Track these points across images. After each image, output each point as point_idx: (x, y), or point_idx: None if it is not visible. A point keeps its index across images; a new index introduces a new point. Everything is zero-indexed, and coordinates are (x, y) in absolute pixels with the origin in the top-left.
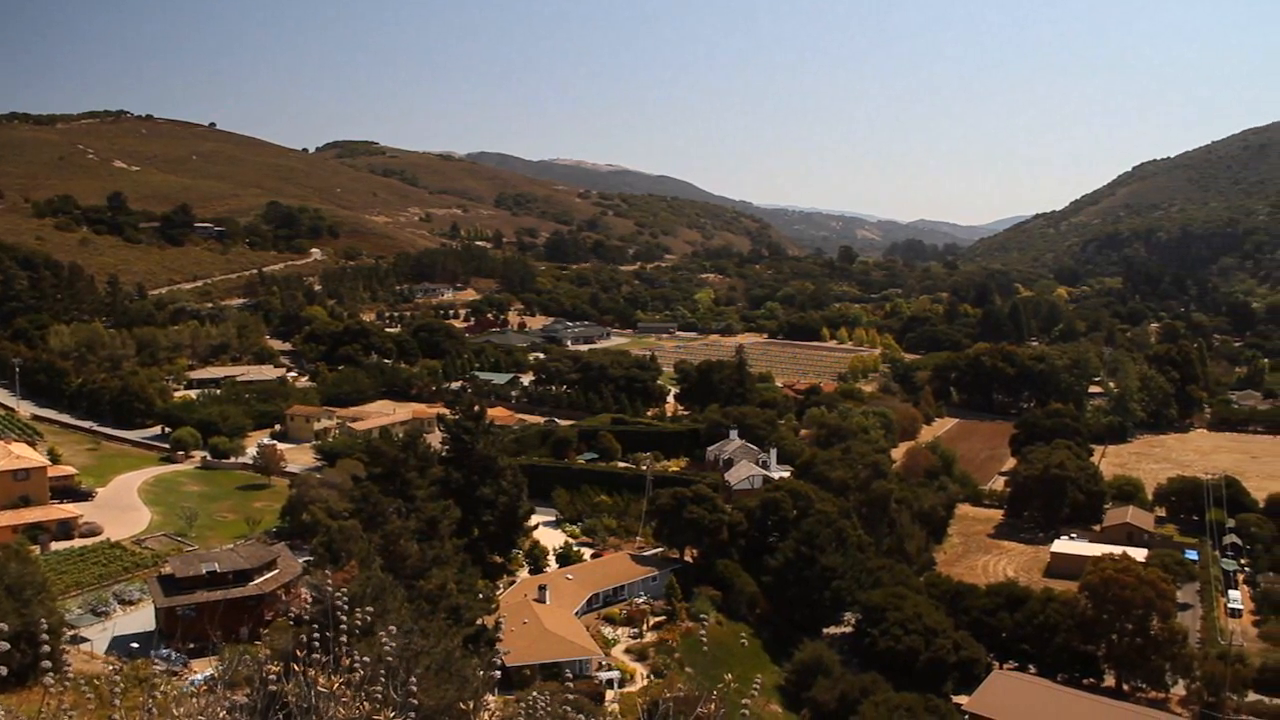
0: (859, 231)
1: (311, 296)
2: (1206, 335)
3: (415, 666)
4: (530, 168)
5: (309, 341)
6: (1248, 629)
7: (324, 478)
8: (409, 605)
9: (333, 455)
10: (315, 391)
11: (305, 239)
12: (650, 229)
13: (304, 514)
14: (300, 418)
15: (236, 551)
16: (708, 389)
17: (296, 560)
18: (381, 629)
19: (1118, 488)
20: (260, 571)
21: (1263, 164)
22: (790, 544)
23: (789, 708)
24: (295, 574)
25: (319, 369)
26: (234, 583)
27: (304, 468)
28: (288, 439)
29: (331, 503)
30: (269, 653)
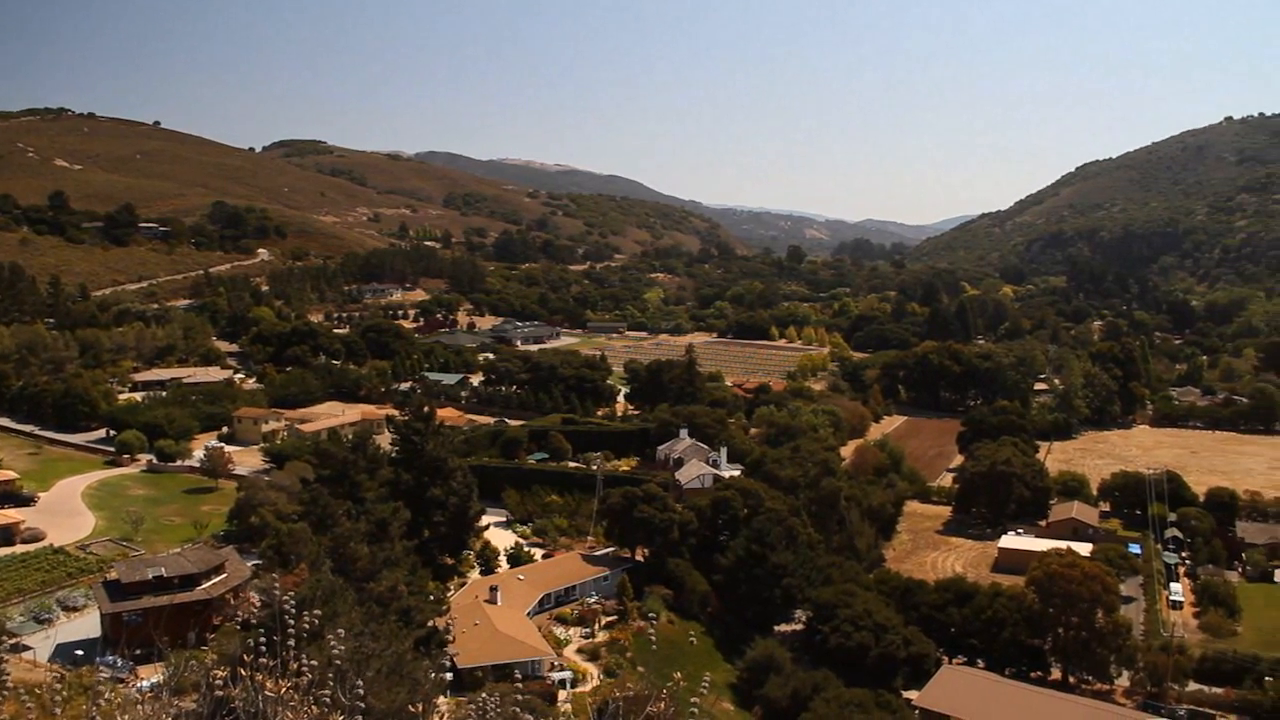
0: (807, 231)
1: (259, 297)
2: (1148, 333)
3: (367, 669)
4: (479, 167)
5: (256, 343)
6: (1188, 620)
7: (272, 480)
8: (360, 608)
9: (281, 457)
10: (263, 393)
11: (252, 239)
12: (599, 229)
13: (252, 517)
14: (248, 420)
15: (184, 556)
16: (658, 388)
17: (245, 564)
18: (331, 632)
19: (1063, 484)
20: (208, 576)
21: (1200, 165)
22: (741, 542)
23: (741, 706)
24: (244, 578)
25: (266, 370)
26: (181, 587)
27: (252, 470)
28: (235, 441)
29: (280, 505)
30: (216, 658)
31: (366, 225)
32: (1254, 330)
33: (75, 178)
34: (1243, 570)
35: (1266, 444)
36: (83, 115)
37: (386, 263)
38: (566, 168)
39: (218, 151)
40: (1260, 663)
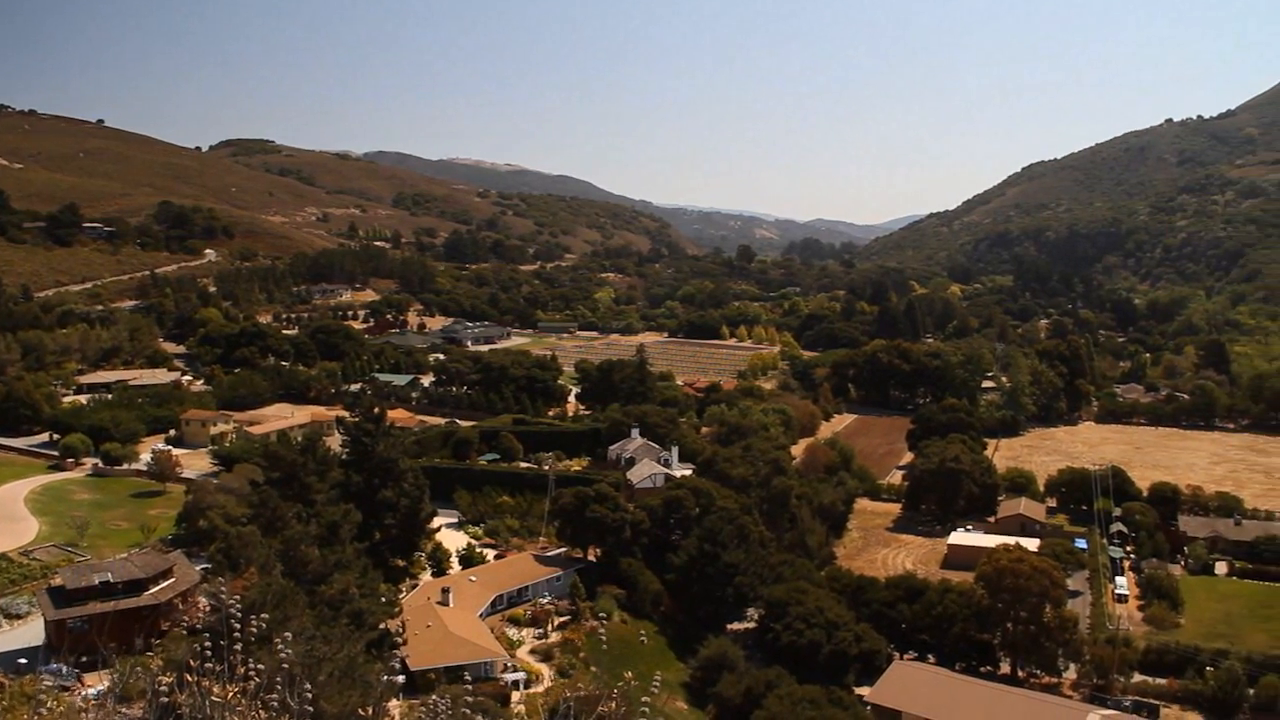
0: (757, 231)
1: (206, 298)
2: (1093, 331)
3: (318, 673)
4: (429, 167)
5: (204, 344)
6: (1133, 613)
7: (221, 483)
8: (310, 611)
9: (230, 460)
10: (211, 395)
11: (199, 239)
12: (550, 228)
13: (201, 520)
14: (196, 422)
15: (130, 561)
16: (609, 388)
17: (194, 568)
18: (280, 636)
19: (1011, 480)
20: (155, 581)
21: (1143, 166)
22: (693, 541)
23: (695, 704)
24: (192, 582)
25: (214, 372)
26: (128, 593)
27: (200, 473)
28: (183, 444)
29: (229, 508)
30: (163, 664)
31: (315, 225)
32: (1194, 328)
33: (16, 176)
34: (1185, 563)
35: (1207, 439)
36: (23, 113)
37: (336, 263)
38: (517, 167)
39: (163, 150)
40: (1201, 653)
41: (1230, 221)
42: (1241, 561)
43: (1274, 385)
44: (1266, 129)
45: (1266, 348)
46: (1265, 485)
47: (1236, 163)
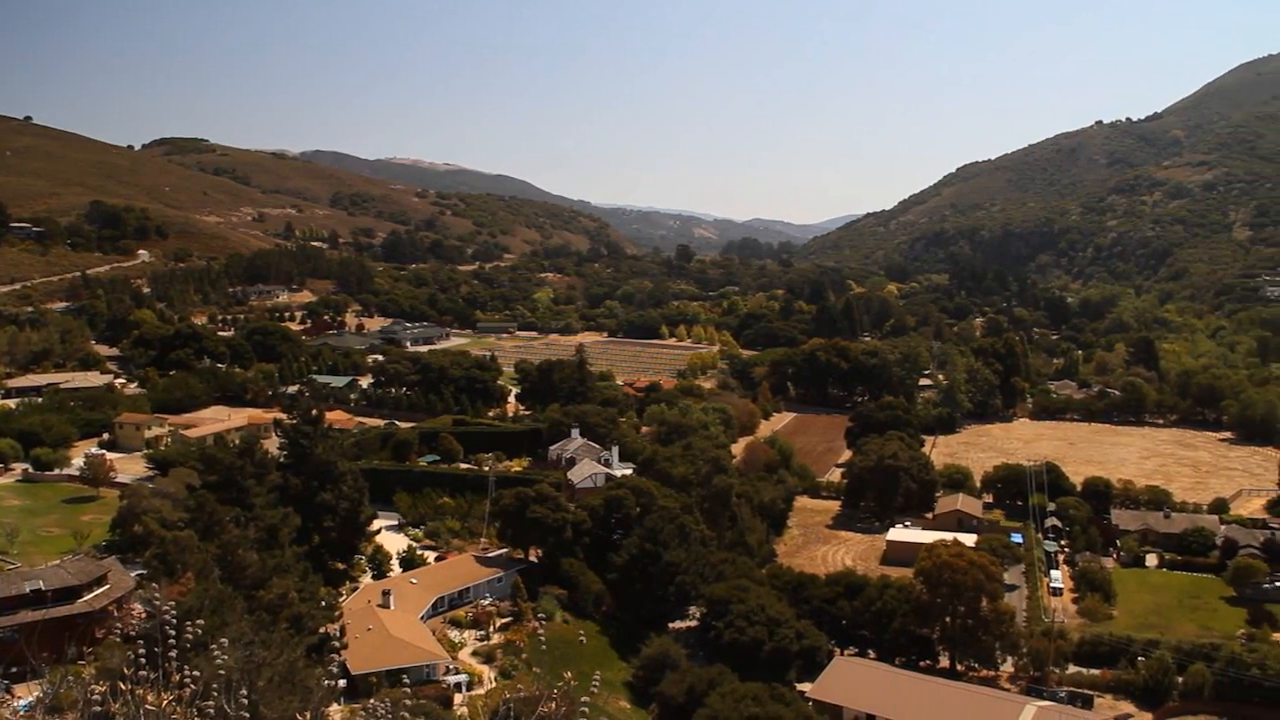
0: (696, 230)
1: (139, 299)
2: (1027, 329)
3: (257, 679)
4: (366, 167)
5: (138, 346)
6: (1068, 606)
7: (157, 487)
8: (249, 616)
9: (165, 464)
10: (145, 398)
11: (132, 240)
12: (488, 229)
13: (136, 526)
14: (130, 426)
15: (63, 568)
16: (549, 388)
17: (129, 574)
18: (217, 643)
19: (948, 476)
20: (89, 588)
21: (1074, 166)
22: (634, 541)
23: (637, 703)
24: (127, 589)
25: (149, 375)
26: (60, 601)
27: (135, 478)
28: (117, 448)
29: (165, 513)
30: (96, 673)
31: (251, 225)
32: (1124, 325)
33: None
34: (1117, 556)
35: (1137, 435)
36: None
37: (272, 264)
38: (455, 167)
39: (95, 149)
40: (1133, 644)
41: (1158, 221)
42: (1171, 553)
43: (1200, 381)
44: (1192, 131)
45: (1193, 345)
46: (1193, 479)
47: (1164, 164)
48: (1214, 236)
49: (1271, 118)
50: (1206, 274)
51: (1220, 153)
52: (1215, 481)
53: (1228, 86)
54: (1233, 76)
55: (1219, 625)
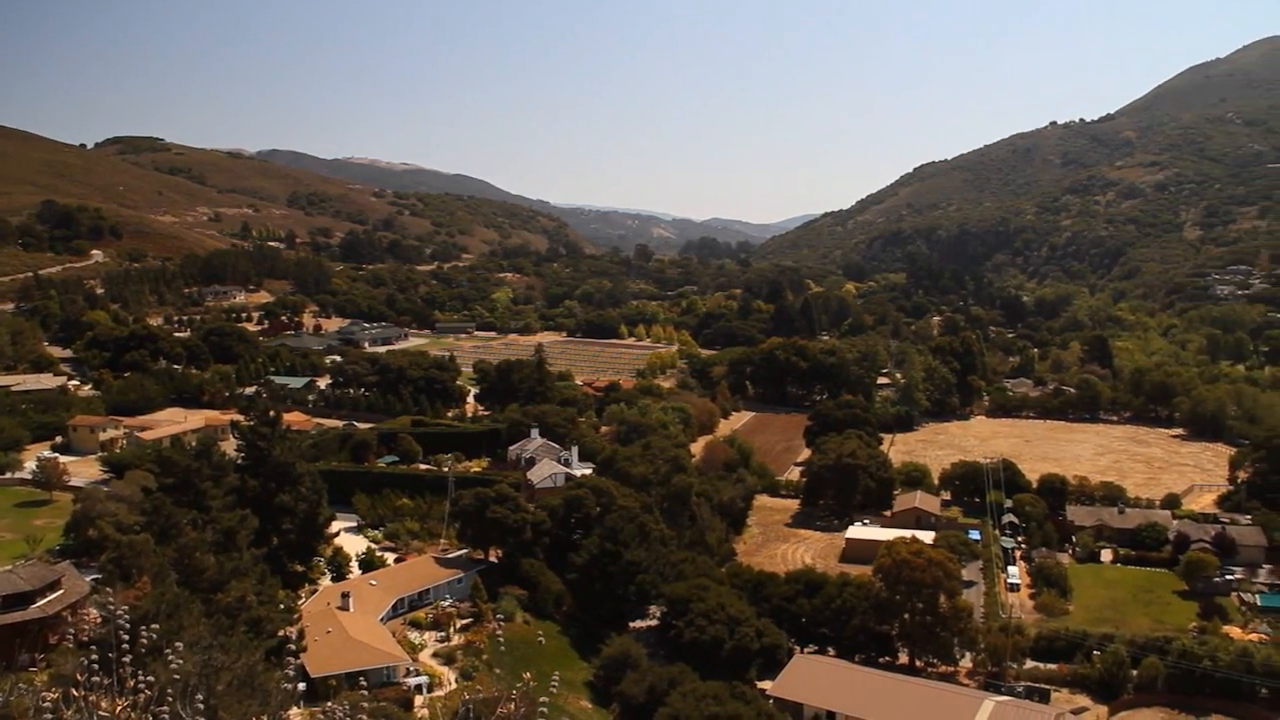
0: (654, 230)
1: (93, 300)
2: (983, 327)
3: (215, 683)
4: (324, 166)
5: (91, 348)
6: (1025, 602)
7: (112, 491)
8: (207, 620)
9: (121, 467)
10: (100, 400)
11: (85, 240)
12: (447, 228)
13: (91, 530)
14: (84, 428)
15: (15, 573)
16: (508, 388)
17: (84, 579)
18: (172, 647)
19: (906, 474)
20: (42, 593)
21: (1029, 167)
22: (594, 540)
23: (599, 703)
24: (82, 594)
25: (103, 376)
26: (12, 607)
27: (89, 481)
28: (71, 451)
29: (121, 517)
30: (49, 679)
31: (207, 225)
32: (1079, 324)
33: None
34: (1073, 552)
35: (1092, 432)
36: None
37: (229, 264)
38: (413, 167)
39: (46, 148)
40: (1089, 638)
41: (1111, 221)
42: (1125, 549)
43: (1153, 379)
44: (1143, 132)
45: (1145, 343)
46: (1146, 475)
47: (1116, 164)
48: (1165, 236)
49: (1219, 120)
50: (1158, 273)
51: (1171, 153)
52: (1167, 477)
53: (1177, 89)
54: (1182, 79)
55: (1172, 619)
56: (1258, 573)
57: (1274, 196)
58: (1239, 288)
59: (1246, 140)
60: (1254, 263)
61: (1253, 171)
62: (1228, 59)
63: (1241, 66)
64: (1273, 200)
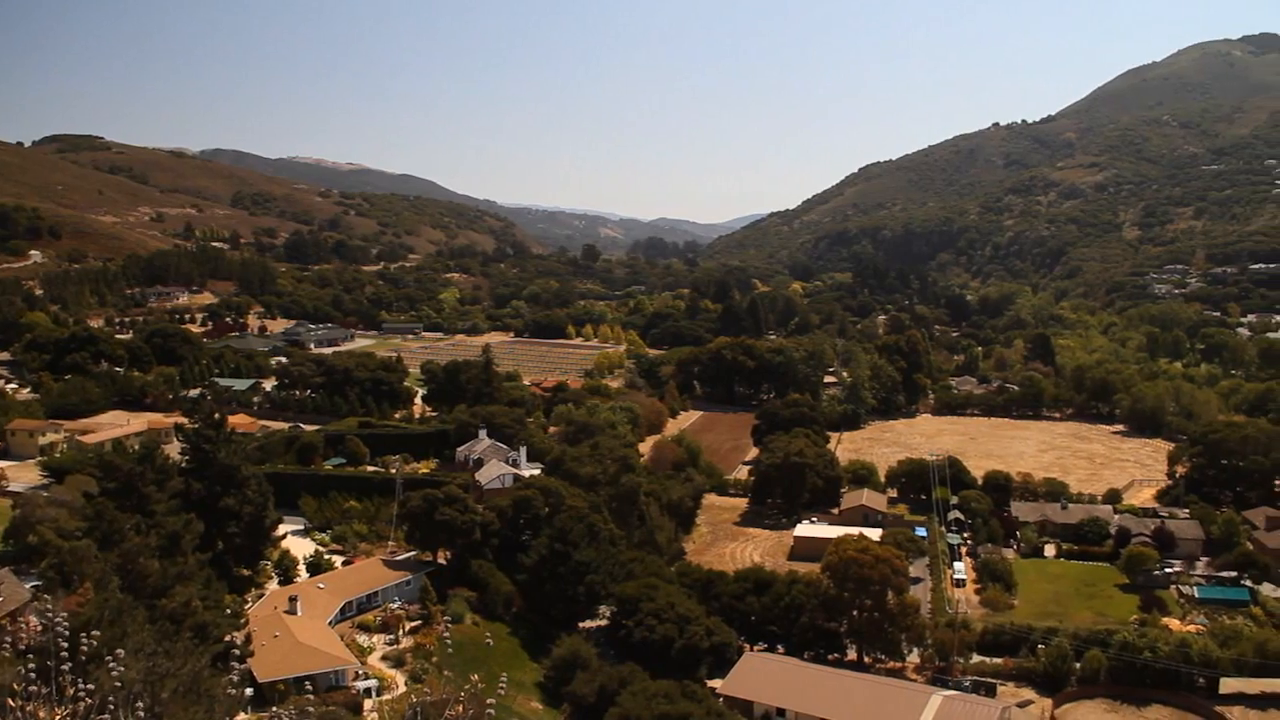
0: (602, 230)
1: (32, 302)
2: (928, 326)
3: (161, 690)
4: (268, 166)
5: (30, 350)
6: (971, 597)
7: (52, 496)
8: (151, 626)
9: (61, 471)
10: (39, 404)
11: (23, 240)
12: (393, 228)
13: (30, 536)
14: (23, 432)
15: None
16: (455, 389)
17: (23, 586)
18: (114, 654)
19: (853, 472)
20: None
21: (972, 168)
22: (543, 541)
23: (549, 703)
24: (22, 601)
25: (42, 379)
26: None
27: (29, 486)
28: (9, 456)
29: (61, 522)
30: None
31: (149, 225)
32: (1022, 322)
33: None
34: (1017, 547)
35: (1035, 428)
36: None
37: (172, 265)
38: (359, 166)
39: None
40: (1033, 632)
41: (1053, 221)
42: (1068, 543)
43: (1094, 376)
44: (1084, 134)
45: (1087, 341)
46: (1088, 470)
47: (1058, 165)
48: (1105, 236)
49: (1156, 122)
50: (1099, 272)
51: (1110, 154)
52: (1109, 473)
53: (1116, 91)
54: (1120, 82)
55: (1113, 612)
56: (1195, 565)
57: (1208, 198)
58: (1176, 286)
59: (1182, 142)
60: (1190, 262)
61: (1188, 173)
62: (1163, 63)
63: (1176, 71)
64: (1207, 201)
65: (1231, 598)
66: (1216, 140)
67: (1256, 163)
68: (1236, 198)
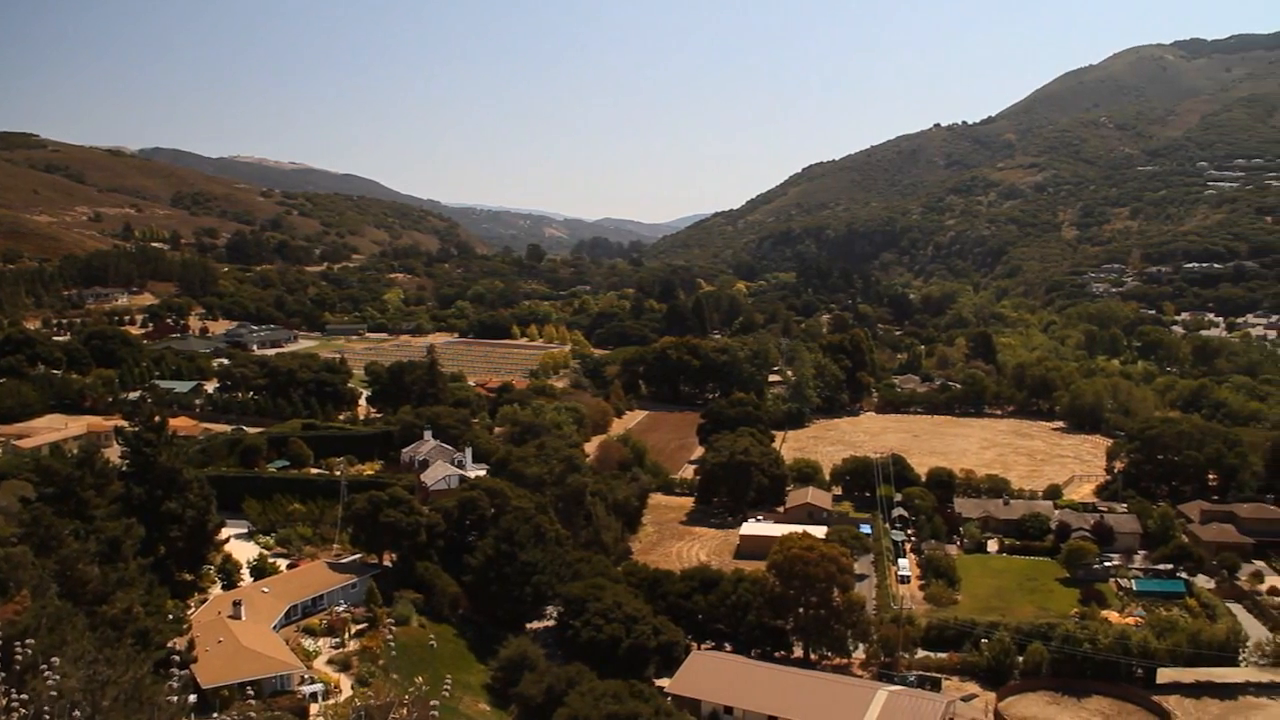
0: (546, 230)
1: None
2: (871, 325)
3: (102, 698)
4: (209, 165)
5: None
6: (915, 593)
7: None
8: (91, 634)
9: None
10: None
11: None
12: (336, 229)
13: None
14: None
15: None
16: (400, 390)
17: None
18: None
19: (798, 470)
20: None
21: (914, 168)
22: (489, 542)
23: (497, 705)
24: None
25: None
26: None
27: None
28: None
29: None
30: None
31: (87, 225)
32: (964, 321)
33: None
34: (961, 543)
35: (978, 425)
36: None
37: (110, 265)
38: (302, 166)
39: None
40: (977, 627)
41: (994, 221)
42: (1010, 539)
43: (1034, 374)
44: (1023, 135)
45: (1027, 339)
46: (1029, 466)
47: (998, 165)
48: (1045, 235)
49: (1093, 123)
50: (1038, 271)
51: (1049, 155)
52: (1049, 469)
53: (1054, 93)
54: (1059, 84)
55: (1055, 605)
56: (1133, 559)
57: (1144, 198)
58: (1113, 285)
59: (1118, 144)
60: (1127, 261)
61: (1124, 174)
62: (1099, 66)
63: (1112, 74)
64: (1143, 201)
65: (1168, 590)
66: (1151, 142)
67: (1189, 164)
68: (1170, 198)
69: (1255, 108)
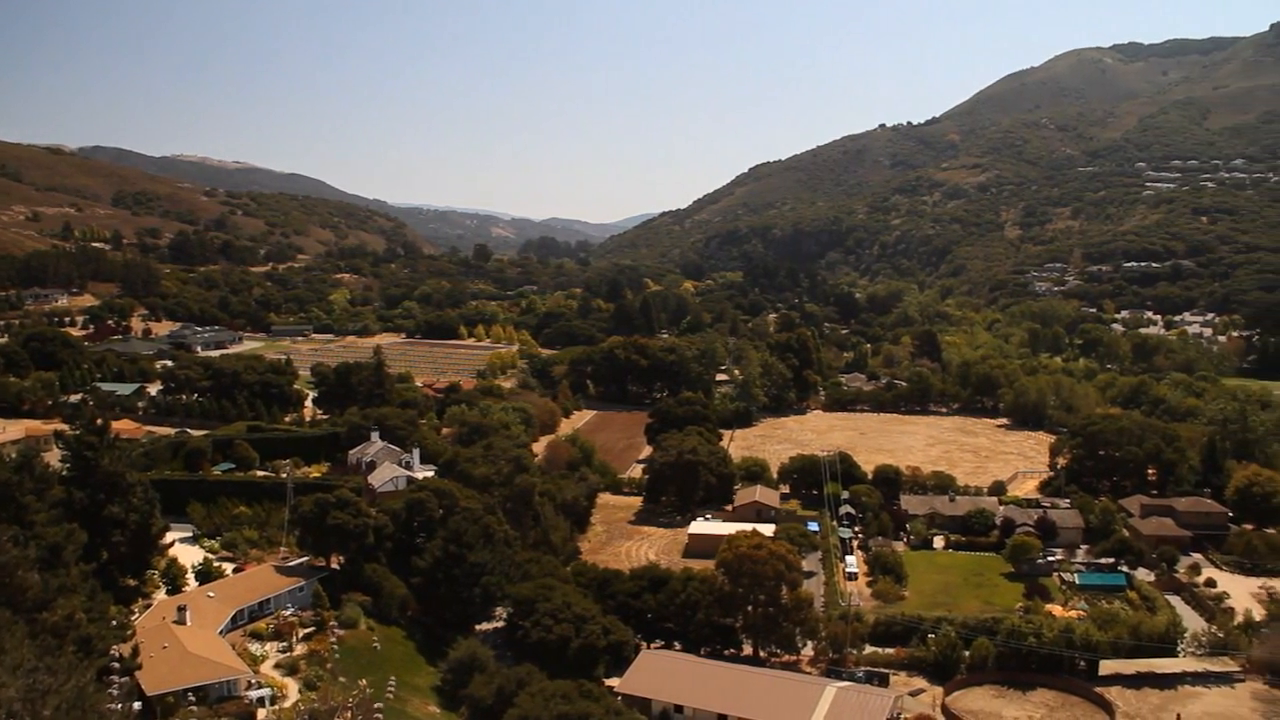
0: (493, 229)
1: None
2: (818, 324)
3: (43, 707)
4: (151, 164)
5: None
6: (863, 589)
7: None
8: (32, 642)
9: None
10: None
11: None
12: (282, 229)
13: None
14: None
15: None
16: (346, 391)
17: None
18: None
19: (746, 469)
20: None
21: (859, 168)
22: (437, 543)
23: (447, 707)
24: None
25: None
26: None
27: None
28: None
29: None
30: None
31: (25, 225)
32: (909, 320)
33: None
34: (907, 539)
35: (923, 423)
36: None
37: (50, 266)
38: (246, 165)
39: None
40: (924, 623)
41: (938, 221)
42: (956, 535)
43: (979, 372)
44: (966, 136)
45: (971, 337)
46: (974, 463)
47: (942, 166)
48: (988, 235)
49: (1035, 124)
50: (982, 270)
51: (992, 156)
52: (994, 465)
53: (997, 94)
54: (1001, 85)
55: (1000, 600)
56: (1076, 553)
57: (1084, 198)
58: (1055, 284)
59: (1059, 144)
60: (1068, 260)
61: (1065, 174)
62: (1041, 68)
63: (1053, 75)
64: (1083, 202)
65: (1109, 583)
66: (1091, 143)
67: (1128, 165)
68: (1110, 198)
69: (1190, 110)
